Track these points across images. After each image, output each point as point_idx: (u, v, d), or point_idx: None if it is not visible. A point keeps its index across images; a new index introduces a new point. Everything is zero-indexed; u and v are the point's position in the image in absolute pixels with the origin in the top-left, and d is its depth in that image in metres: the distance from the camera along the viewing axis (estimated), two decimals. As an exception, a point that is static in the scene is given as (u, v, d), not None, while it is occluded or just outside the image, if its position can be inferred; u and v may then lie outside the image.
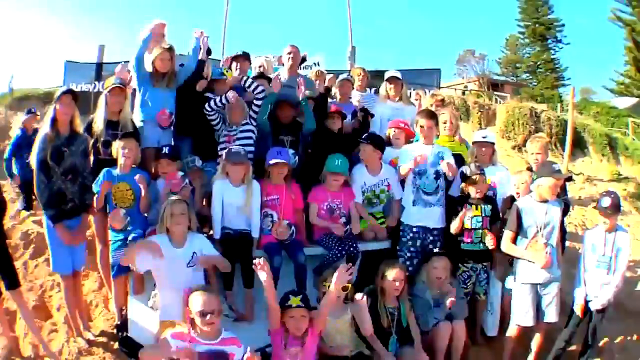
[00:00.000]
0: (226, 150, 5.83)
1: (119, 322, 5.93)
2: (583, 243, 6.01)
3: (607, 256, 5.78)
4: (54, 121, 5.46)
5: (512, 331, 5.87)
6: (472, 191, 6.16)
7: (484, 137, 6.72)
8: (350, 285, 5.19)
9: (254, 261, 4.72)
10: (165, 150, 5.85)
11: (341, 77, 8.03)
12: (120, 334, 5.79)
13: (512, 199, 6.20)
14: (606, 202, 5.76)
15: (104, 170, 5.68)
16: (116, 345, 5.79)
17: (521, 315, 5.74)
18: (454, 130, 7.09)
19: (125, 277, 5.76)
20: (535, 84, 54.24)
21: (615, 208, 5.77)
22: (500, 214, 6.26)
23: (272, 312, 4.69)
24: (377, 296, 5.58)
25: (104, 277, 6.55)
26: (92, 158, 6.02)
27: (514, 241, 5.82)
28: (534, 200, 5.79)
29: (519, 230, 5.78)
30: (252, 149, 6.36)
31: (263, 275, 4.61)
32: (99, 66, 11.82)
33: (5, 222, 5.83)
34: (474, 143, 6.80)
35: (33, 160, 5.47)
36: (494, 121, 19.57)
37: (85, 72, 11.63)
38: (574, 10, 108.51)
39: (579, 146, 18.86)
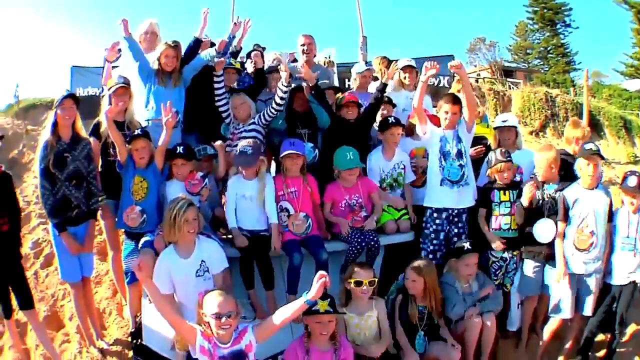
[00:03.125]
0: (234, 154, 5.75)
1: (133, 330, 5.81)
2: (613, 225, 5.75)
3: (632, 237, 5.60)
4: (55, 126, 5.38)
5: (553, 324, 5.76)
6: (500, 177, 5.97)
7: (504, 122, 6.55)
8: (376, 279, 5.08)
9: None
10: (180, 149, 5.62)
11: (362, 66, 7.89)
12: (134, 341, 5.66)
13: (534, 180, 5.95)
14: (633, 181, 5.61)
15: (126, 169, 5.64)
16: (131, 353, 5.74)
17: (562, 308, 5.62)
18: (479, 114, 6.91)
19: (139, 283, 5.46)
20: (547, 69, 54.05)
21: None
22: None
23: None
24: (407, 293, 5.42)
25: (117, 283, 6.51)
26: (100, 160, 5.94)
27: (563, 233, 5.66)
28: (580, 187, 5.66)
29: (566, 219, 5.63)
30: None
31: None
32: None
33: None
34: (495, 128, 6.65)
35: (36, 168, 5.38)
36: (510, 107, 19.28)
37: (92, 76, 11.50)
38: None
39: (596, 129, 18.58)
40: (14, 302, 5.36)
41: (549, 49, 57.46)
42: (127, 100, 5.98)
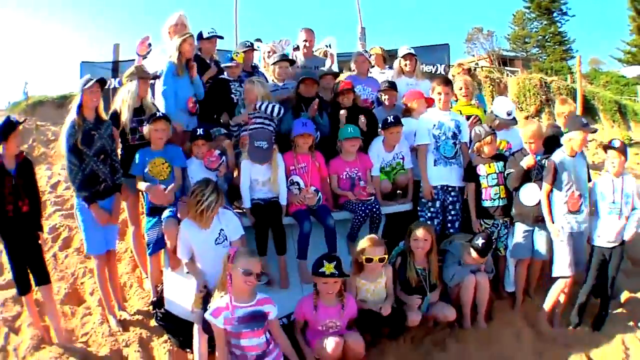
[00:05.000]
0: (250, 143, 6.02)
1: (154, 299, 6.08)
2: (594, 191, 6.13)
3: (617, 202, 5.93)
4: (80, 108, 5.63)
5: (560, 284, 5.99)
6: (486, 149, 6.36)
7: (509, 115, 6.85)
8: (386, 256, 5.46)
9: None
10: (200, 131, 6.04)
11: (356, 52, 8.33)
12: (156, 310, 5.92)
13: (524, 152, 6.30)
14: (617, 142, 6.02)
15: (139, 150, 5.93)
16: (152, 322, 5.97)
17: (566, 267, 5.88)
18: (470, 95, 7.42)
19: (160, 254, 6.00)
20: (545, 57, 54.10)
21: (625, 149, 5.98)
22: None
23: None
24: (407, 256, 5.78)
25: (137, 257, 6.81)
26: (120, 146, 6.28)
27: (549, 194, 5.98)
28: (566, 155, 5.96)
29: (554, 183, 5.94)
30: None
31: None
32: (115, 64, 12.02)
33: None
34: (498, 118, 6.89)
35: (62, 146, 5.69)
36: (505, 93, 19.60)
37: (101, 72, 11.67)
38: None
39: (590, 114, 18.92)
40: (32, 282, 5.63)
41: (546, 37, 57.21)
42: (147, 88, 6.36)
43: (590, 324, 5.99)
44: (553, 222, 5.91)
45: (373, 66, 8.61)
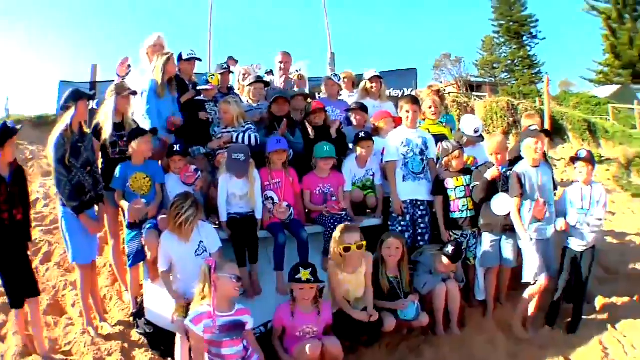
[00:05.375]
0: (228, 157, 6.20)
1: (135, 310, 6.21)
2: (564, 199, 6.38)
3: (586, 209, 6.21)
4: (72, 120, 5.79)
5: (534, 289, 6.13)
6: (454, 163, 6.65)
7: (476, 132, 7.20)
8: (364, 242, 5.57)
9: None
10: (177, 147, 6.30)
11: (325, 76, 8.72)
12: (137, 320, 6.06)
13: (489, 165, 6.54)
14: (583, 153, 6.27)
15: (120, 165, 6.07)
16: (133, 332, 6.10)
17: (535, 272, 6.04)
18: (438, 114, 7.77)
19: (139, 266, 6.15)
20: (514, 82, 54.60)
21: (592, 159, 6.27)
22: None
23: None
24: (379, 265, 5.99)
25: (117, 270, 6.93)
26: (100, 159, 6.45)
27: (519, 206, 6.15)
28: (527, 165, 6.20)
29: (522, 194, 6.14)
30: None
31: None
32: (93, 84, 12.15)
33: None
34: (465, 135, 7.24)
35: (51, 157, 5.77)
36: (473, 115, 19.93)
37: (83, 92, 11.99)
38: (548, 4, 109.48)
39: (559, 134, 19.24)
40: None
41: (515, 61, 58.06)
42: (128, 104, 6.54)
43: (564, 328, 6.22)
44: (526, 231, 6.08)
45: (342, 89, 8.91)
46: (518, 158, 6.51)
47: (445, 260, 6.07)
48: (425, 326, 6.01)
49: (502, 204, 6.29)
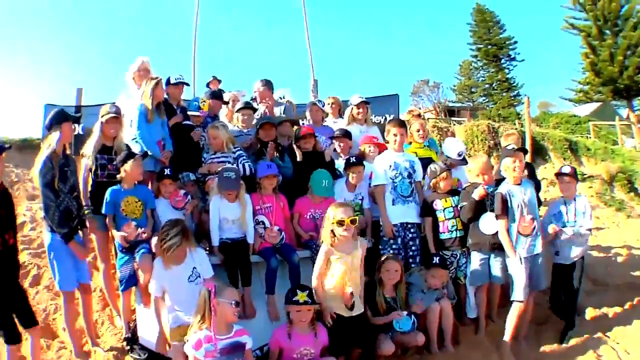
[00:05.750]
0: (219, 177, 6.26)
1: (127, 335, 6.17)
2: (549, 215, 6.73)
3: (571, 221, 6.49)
4: (57, 143, 5.76)
5: (517, 308, 6.16)
6: (442, 185, 6.81)
7: (459, 156, 7.43)
8: (357, 218, 5.60)
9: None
10: (167, 171, 6.39)
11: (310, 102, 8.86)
12: (130, 346, 6.04)
13: (475, 185, 6.66)
14: (567, 169, 6.64)
15: (110, 190, 6.04)
16: (126, 358, 6.06)
17: (521, 291, 6.10)
18: (425, 137, 7.93)
19: (131, 291, 6.15)
20: (492, 105, 54.75)
21: (575, 175, 6.58)
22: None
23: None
24: (375, 286, 6.08)
25: (108, 295, 6.87)
26: (90, 181, 6.37)
27: (507, 228, 6.25)
28: (510, 185, 6.30)
29: (507, 214, 6.23)
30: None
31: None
32: (78, 108, 12.12)
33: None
34: (449, 158, 7.43)
35: (37, 180, 5.69)
36: (454, 140, 20.04)
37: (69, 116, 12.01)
38: (526, 26, 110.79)
39: (540, 154, 19.40)
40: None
41: (493, 85, 58.49)
42: (118, 128, 6.50)
43: (558, 340, 6.36)
44: (515, 251, 6.15)
45: (327, 115, 8.98)
46: (501, 179, 6.60)
47: (435, 271, 6.22)
48: (420, 346, 6.03)
49: (489, 223, 6.40)
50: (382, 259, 6.19)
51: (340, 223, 5.36)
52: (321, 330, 5.35)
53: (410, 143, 7.81)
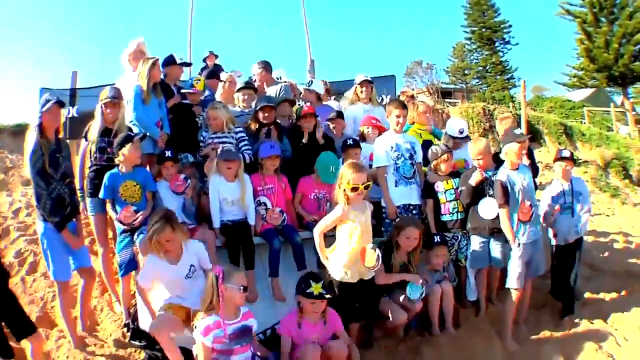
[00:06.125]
0: (219, 150, 6.25)
1: (127, 321, 6.10)
2: (546, 197, 6.74)
3: (569, 202, 6.54)
4: (41, 128, 5.62)
5: (515, 295, 6.12)
6: (443, 167, 6.77)
7: (461, 133, 7.38)
8: (371, 183, 5.44)
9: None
10: (168, 153, 6.29)
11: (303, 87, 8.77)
12: (129, 331, 5.96)
13: (474, 169, 6.63)
14: (566, 152, 6.64)
15: (108, 174, 5.95)
16: (126, 343, 5.96)
17: (516, 279, 6.04)
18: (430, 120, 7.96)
19: (131, 276, 6.05)
20: (486, 88, 53.96)
21: (573, 157, 6.63)
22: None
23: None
24: (391, 249, 6.05)
25: (107, 280, 6.81)
26: (88, 163, 6.40)
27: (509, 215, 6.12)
28: (509, 170, 6.17)
29: (508, 202, 6.09)
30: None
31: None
32: (73, 91, 12.05)
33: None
34: (452, 137, 7.38)
35: (28, 169, 5.60)
36: (450, 122, 20.03)
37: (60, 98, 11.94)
38: (521, 9, 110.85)
39: (535, 138, 19.44)
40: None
41: (487, 67, 58.22)
42: (118, 111, 6.40)
43: (557, 324, 6.40)
44: (516, 239, 6.06)
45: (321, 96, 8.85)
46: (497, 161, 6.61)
47: (439, 250, 6.23)
48: (417, 312, 6.02)
49: (488, 208, 6.34)
50: (402, 222, 6.12)
51: (355, 189, 5.25)
52: (332, 317, 5.25)
53: (413, 123, 7.79)
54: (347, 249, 5.39)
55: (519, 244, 6.05)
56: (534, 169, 7.31)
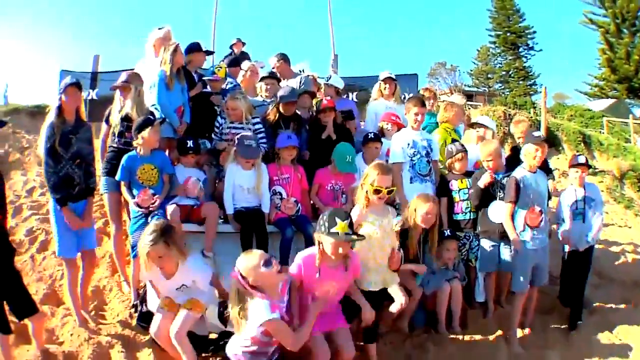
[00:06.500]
0: (238, 143, 6.21)
1: (136, 302, 6.14)
2: (561, 203, 6.75)
3: (580, 208, 6.50)
4: (59, 110, 5.73)
5: (520, 298, 6.14)
6: (457, 166, 6.82)
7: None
8: (394, 188, 5.32)
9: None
10: (190, 143, 6.36)
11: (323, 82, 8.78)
12: (136, 312, 6.00)
13: (484, 170, 6.65)
14: (582, 158, 6.64)
15: (127, 156, 5.99)
16: (133, 323, 5.97)
17: (521, 282, 6.05)
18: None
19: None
20: (508, 92, 53.97)
21: (587, 163, 6.62)
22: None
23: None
24: (406, 232, 5.97)
25: (117, 259, 6.89)
26: (108, 146, 6.50)
27: (512, 213, 6.11)
28: (525, 171, 6.15)
29: (517, 201, 6.07)
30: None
31: None
32: (94, 75, 12.15)
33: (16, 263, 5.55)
34: (470, 125, 7.67)
35: (41, 147, 5.75)
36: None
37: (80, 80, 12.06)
38: (546, 16, 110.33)
39: (554, 145, 19.28)
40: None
41: (510, 72, 57.91)
42: (127, 95, 6.50)
43: (564, 330, 6.42)
44: (518, 237, 6.02)
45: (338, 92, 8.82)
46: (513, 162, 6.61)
47: (449, 244, 6.26)
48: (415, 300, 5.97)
49: (498, 211, 6.37)
50: (418, 200, 5.97)
51: (377, 192, 5.04)
52: (353, 260, 4.82)
53: (441, 123, 7.95)
54: (367, 255, 5.18)
55: (524, 246, 6.01)
56: (549, 171, 7.42)
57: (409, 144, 6.84)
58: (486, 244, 6.58)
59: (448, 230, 6.34)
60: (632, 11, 42.63)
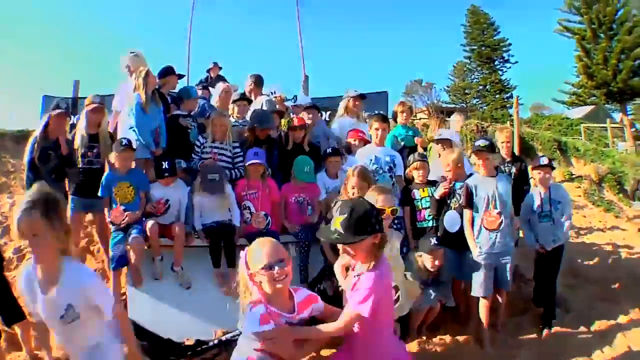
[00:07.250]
0: (201, 179, 6.61)
1: None
2: (526, 206, 6.92)
3: (547, 210, 6.69)
4: (45, 127, 6.19)
5: (484, 304, 6.21)
6: (416, 175, 7.02)
7: (439, 135, 8.04)
8: (398, 209, 5.26)
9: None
10: (165, 164, 6.52)
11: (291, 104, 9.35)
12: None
13: (443, 179, 6.86)
14: (544, 160, 6.85)
15: (106, 174, 6.37)
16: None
17: (479, 287, 6.18)
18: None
19: (122, 271, 6.27)
20: (485, 107, 54.58)
21: (551, 165, 6.87)
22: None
23: None
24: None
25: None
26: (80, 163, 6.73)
27: (471, 219, 6.32)
28: (479, 176, 6.41)
29: (470, 205, 6.31)
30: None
31: None
32: (75, 100, 12.41)
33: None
34: (435, 140, 7.98)
35: (24, 160, 6.17)
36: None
37: (61, 105, 12.33)
38: (521, 28, 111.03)
39: (529, 155, 19.64)
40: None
41: (486, 86, 58.17)
42: (102, 117, 6.89)
43: (537, 330, 6.50)
44: (476, 244, 6.21)
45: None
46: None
47: (427, 260, 6.05)
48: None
49: (451, 221, 6.59)
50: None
51: (381, 212, 4.19)
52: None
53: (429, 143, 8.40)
54: None
55: (480, 251, 6.19)
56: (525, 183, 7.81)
57: (371, 160, 7.11)
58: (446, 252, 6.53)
59: (434, 239, 6.13)
60: (608, 15, 42.98)
